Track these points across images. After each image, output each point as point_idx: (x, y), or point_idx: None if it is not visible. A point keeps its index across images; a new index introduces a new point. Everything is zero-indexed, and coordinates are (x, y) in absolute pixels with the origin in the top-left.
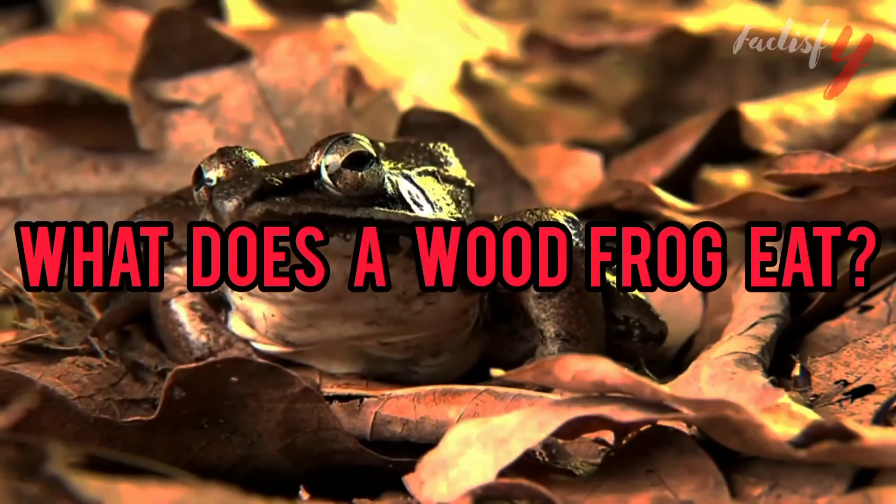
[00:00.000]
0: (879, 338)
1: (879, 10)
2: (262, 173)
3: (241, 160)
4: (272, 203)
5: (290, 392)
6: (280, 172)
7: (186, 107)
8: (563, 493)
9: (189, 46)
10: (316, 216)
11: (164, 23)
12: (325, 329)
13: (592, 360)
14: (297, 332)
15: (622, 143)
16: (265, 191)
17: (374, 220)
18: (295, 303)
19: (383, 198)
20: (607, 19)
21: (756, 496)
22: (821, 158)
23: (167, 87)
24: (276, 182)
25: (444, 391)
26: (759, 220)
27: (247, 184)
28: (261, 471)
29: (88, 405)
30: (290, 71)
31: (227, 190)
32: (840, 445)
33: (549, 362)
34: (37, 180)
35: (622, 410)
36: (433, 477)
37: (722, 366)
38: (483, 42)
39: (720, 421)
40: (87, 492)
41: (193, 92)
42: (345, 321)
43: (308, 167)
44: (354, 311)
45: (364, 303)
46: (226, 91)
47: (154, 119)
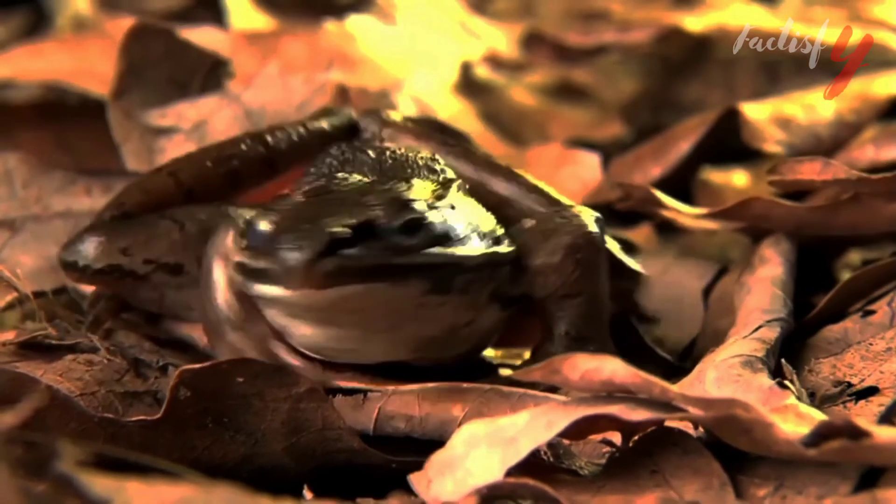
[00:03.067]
0: (883, 340)
1: (879, 10)
2: (324, 223)
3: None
4: (342, 258)
5: (294, 392)
6: (340, 220)
7: (174, 132)
8: (569, 493)
9: (164, 60)
10: (384, 268)
11: (137, 38)
12: (367, 352)
13: (601, 359)
14: (335, 353)
15: (622, 142)
16: (334, 243)
17: (434, 265)
18: (343, 328)
19: (437, 238)
20: (607, 19)
21: (761, 497)
22: (824, 165)
23: (154, 114)
24: (345, 234)
25: (449, 388)
26: (761, 225)
27: (314, 237)
28: (264, 470)
29: (91, 402)
30: (275, 93)
31: (293, 244)
32: (850, 444)
33: (557, 361)
34: (30, 203)
35: (631, 410)
36: (440, 476)
37: (727, 368)
38: (483, 42)
39: (729, 420)
40: (96, 490)
41: (180, 118)
42: (390, 349)
43: (368, 217)
44: (402, 340)
45: (414, 335)
46: (212, 115)
47: (136, 135)
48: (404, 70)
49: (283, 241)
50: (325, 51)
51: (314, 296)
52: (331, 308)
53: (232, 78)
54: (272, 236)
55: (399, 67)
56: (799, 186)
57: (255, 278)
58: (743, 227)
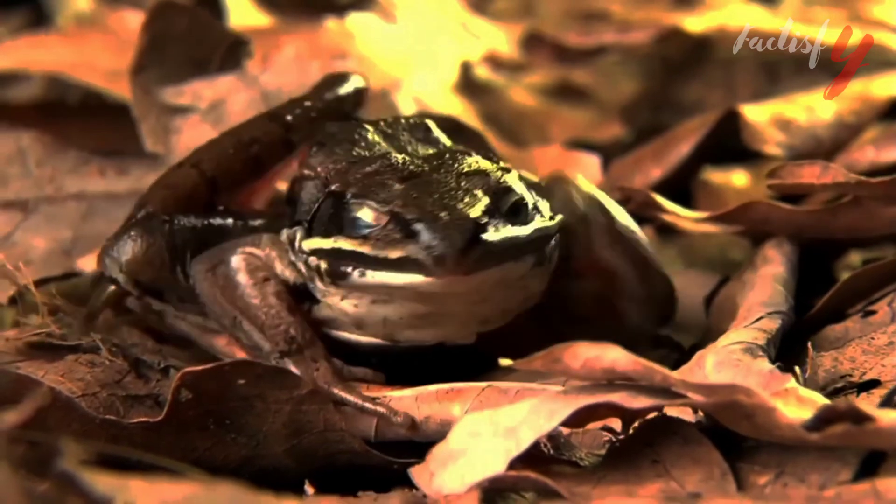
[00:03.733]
0: (885, 334)
1: (879, 10)
2: (461, 211)
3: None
4: (487, 244)
5: (296, 394)
6: (469, 206)
7: (190, 111)
8: (569, 485)
9: (186, 38)
10: (512, 248)
11: (161, 15)
12: (445, 327)
13: (602, 347)
14: (413, 332)
15: (622, 143)
16: (478, 232)
17: (541, 239)
18: (434, 308)
19: (531, 213)
20: (607, 19)
21: (762, 485)
22: (824, 169)
23: (170, 91)
24: (484, 222)
25: (447, 389)
26: (761, 228)
27: (462, 225)
28: (266, 471)
29: (92, 403)
30: (292, 76)
31: (442, 233)
32: (853, 428)
33: (558, 350)
34: (43, 183)
35: (632, 397)
36: (443, 468)
37: (728, 354)
38: (483, 42)
39: (731, 405)
40: (99, 488)
41: (197, 97)
42: (468, 321)
43: (490, 203)
44: (484, 314)
45: (498, 308)
46: (229, 96)
47: (154, 113)
48: (404, 69)
49: (429, 230)
50: (326, 49)
51: (459, 282)
52: (469, 292)
53: (251, 57)
54: (411, 226)
55: (399, 67)
56: (798, 190)
57: (377, 266)
58: (743, 230)
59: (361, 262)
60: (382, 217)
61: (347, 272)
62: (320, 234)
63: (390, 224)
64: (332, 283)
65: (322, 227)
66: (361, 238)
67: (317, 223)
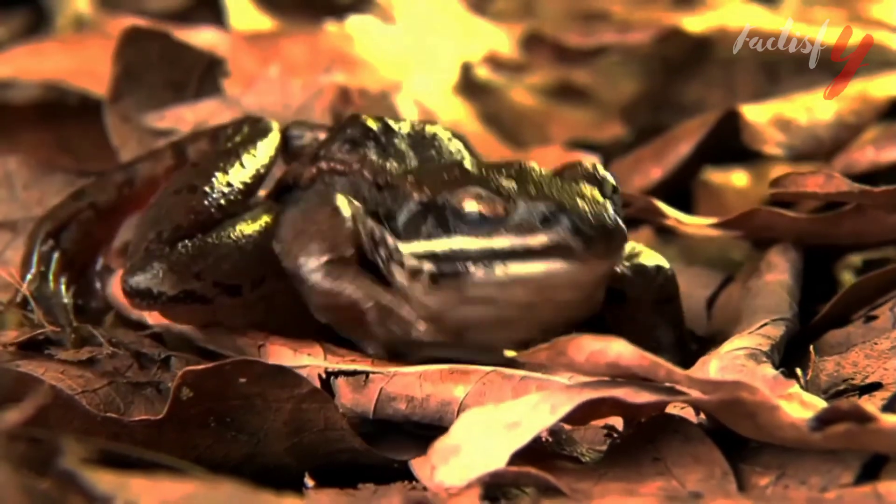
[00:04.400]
0: (888, 339)
1: (879, 10)
2: (596, 201)
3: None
4: (622, 228)
5: (297, 392)
6: (593, 197)
7: (172, 134)
8: (570, 481)
9: (159, 62)
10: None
11: (131, 41)
12: (517, 331)
13: (607, 340)
14: (486, 335)
15: (622, 143)
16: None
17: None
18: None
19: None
20: (607, 20)
21: (763, 486)
22: (827, 178)
23: (152, 117)
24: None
25: (451, 370)
26: (764, 235)
27: (603, 214)
28: (266, 469)
29: (93, 400)
30: (274, 97)
31: (587, 217)
32: (856, 428)
33: (562, 343)
34: (31, 205)
35: (635, 393)
36: (444, 462)
37: (731, 359)
38: (483, 42)
39: (734, 403)
40: (100, 487)
41: (178, 120)
42: (544, 320)
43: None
44: (565, 308)
45: (576, 301)
46: (211, 118)
47: (134, 140)
48: (404, 71)
49: (572, 214)
50: (326, 52)
51: (600, 266)
52: (594, 281)
53: (228, 76)
54: (550, 213)
55: (399, 68)
56: (800, 198)
57: (514, 259)
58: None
59: (492, 257)
60: (504, 209)
61: (463, 271)
62: (418, 237)
63: (517, 215)
64: (432, 282)
65: (415, 230)
66: (485, 234)
67: (407, 227)
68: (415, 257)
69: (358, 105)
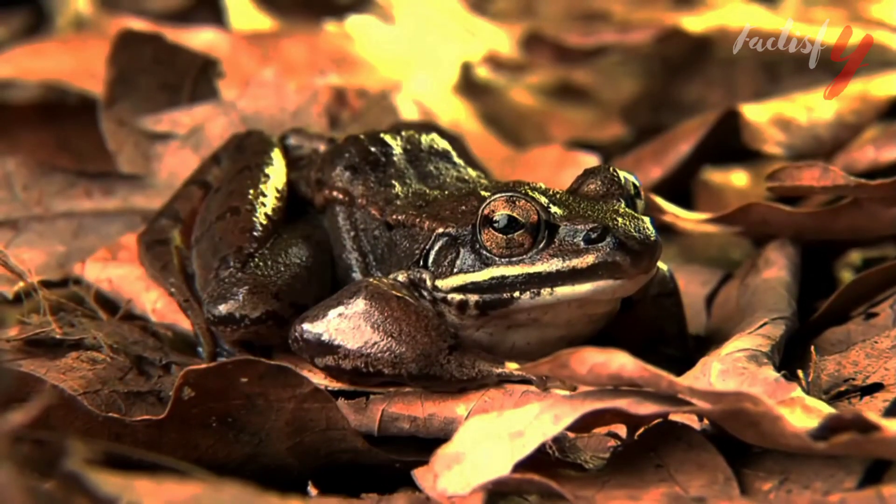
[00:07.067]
0: (888, 338)
1: (879, 10)
2: (629, 211)
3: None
4: (659, 242)
5: (299, 392)
6: (630, 213)
7: (169, 138)
8: (574, 489)
9: (153, 65)
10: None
11: (124, 46)
12: (554, 347)
13: (609, 352)
14: (529, 356)
15: (622, 143)
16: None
17: None
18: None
19: None
20: (607, 19)
21: (766, 491)
22: (823, 171)
23: (149, 120)
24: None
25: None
26: (761, 230)
27: (648, 231)
28: (268, 469)
29: (94, 401)
30: (270, 101)
31: (631, 235)
32: (859, 437)
33: (565, 355)
34: (31, 205)
35: (638, 403)
36: (447, 470)
37: (733, 361)
38: (483, 42)
39: (737, 413)
40: (105, 488)
41: (175, 124)
42: (579, 333)
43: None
44: (596, 321)
45: (605, 313)
46: (207, 122)
47: (130, 143)
48: (404, 71)
49: (617, 233)
50: (325, 52)
51: (643, 280)
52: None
53: (223, 77)
54: (592, 234)
55: (399, 68)
56: (797, 192)
57: (562, 282)
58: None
59: (538, 282)
60: (542, 234)
61: (509, 298)
62: (452, 271)
63: (559, 238)
64: (480, 314)
65: (448, 264)
66: (527, 261)
67: (438, 262)
68: (456, 291)
69: (354, 107)
